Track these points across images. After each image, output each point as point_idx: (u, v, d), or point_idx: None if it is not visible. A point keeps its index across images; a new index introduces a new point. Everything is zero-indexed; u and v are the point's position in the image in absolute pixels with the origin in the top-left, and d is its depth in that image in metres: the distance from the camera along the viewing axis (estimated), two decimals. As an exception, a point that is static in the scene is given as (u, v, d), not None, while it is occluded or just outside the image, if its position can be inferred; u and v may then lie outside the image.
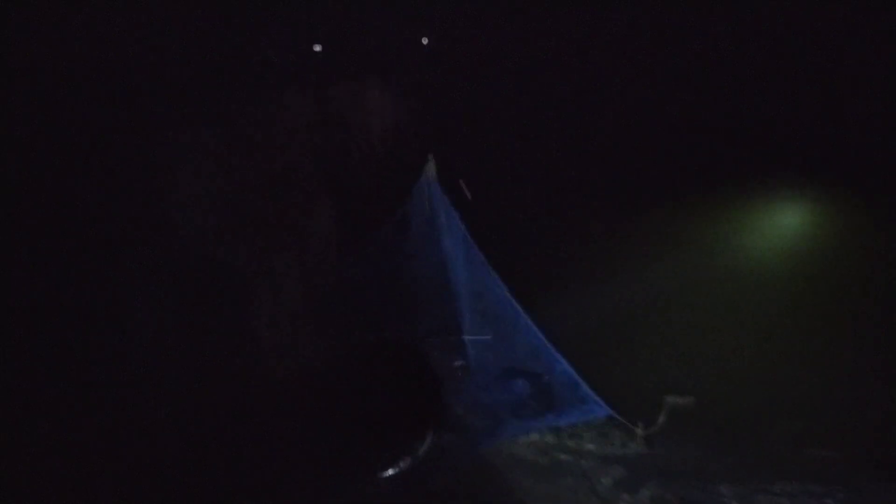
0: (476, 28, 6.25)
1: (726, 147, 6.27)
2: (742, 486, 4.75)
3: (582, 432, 5.46)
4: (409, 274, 6.00)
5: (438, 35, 6.34)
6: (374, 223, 5.88)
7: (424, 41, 6.37)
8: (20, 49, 4.94)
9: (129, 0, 5.27)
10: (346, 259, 5.94)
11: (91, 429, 4.47)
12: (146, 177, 5.25)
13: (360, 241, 5.86)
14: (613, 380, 5.48)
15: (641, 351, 5.80)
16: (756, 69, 6.28)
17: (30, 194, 4.87)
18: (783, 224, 6.31)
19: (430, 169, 5.90)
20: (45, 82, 4.96)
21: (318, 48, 5.89)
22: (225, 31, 5.62)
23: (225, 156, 5.52)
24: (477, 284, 5.89)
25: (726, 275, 6.03)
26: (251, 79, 5.70)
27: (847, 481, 4.79)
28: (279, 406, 4.42)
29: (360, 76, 6.03)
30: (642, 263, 6.11)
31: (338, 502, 3.80)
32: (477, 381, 5.86)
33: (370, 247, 5.83)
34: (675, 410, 5.42)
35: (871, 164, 5.96)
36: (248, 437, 4.38)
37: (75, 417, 4.51)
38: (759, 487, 4.75)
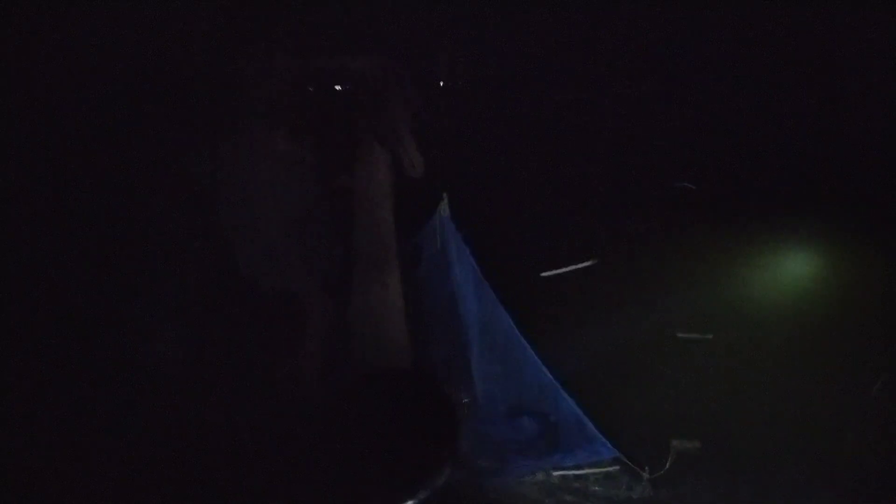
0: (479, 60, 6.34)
1: (738, 180, 6.28)
2: (749, 534, 4.70)
3: (588, 473, 5.42)
4: (419, 305, 6.02)
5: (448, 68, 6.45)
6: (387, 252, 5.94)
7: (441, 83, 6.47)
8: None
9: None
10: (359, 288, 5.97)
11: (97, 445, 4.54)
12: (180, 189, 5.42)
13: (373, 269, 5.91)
14: (621, 421, 5.45)
15: (649, 392, 5.77)
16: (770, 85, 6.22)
17: (54, 199, 5.03)
18: (796, 260, 6.27)
19: (444, 206, 5.97)
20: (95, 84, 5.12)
21: (338, 87, 6.01)
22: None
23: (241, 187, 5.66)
24: (485, 318, 5.89)
25: (735, 313, 6.01)
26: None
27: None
28: (289, 432, 4.45)
29: (372, 110, 6.13)
30: (651, 302, 6.12)
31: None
32: (483, 418, 5.83)
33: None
34: (682, 454, 5.39)
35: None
36: (256, 461, 4.40)
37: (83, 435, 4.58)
38: (766, 536, 4.70)
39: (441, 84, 6.42)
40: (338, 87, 5.97)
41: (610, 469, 5.39)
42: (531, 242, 6.29)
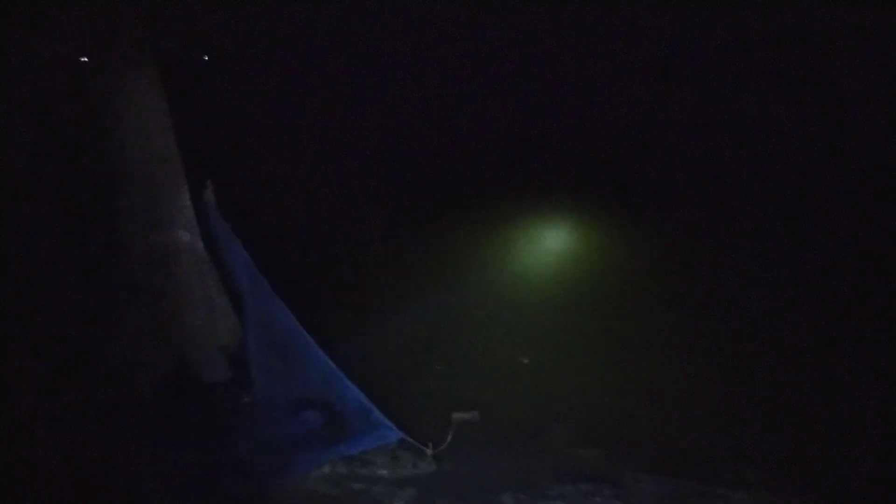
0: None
1: (501, 163, 6.59)
2: (523, 493, 4.99)
3: (374, 458, 5.37)
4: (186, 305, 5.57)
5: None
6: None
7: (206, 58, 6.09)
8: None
9: None
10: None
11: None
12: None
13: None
14: (404, 403, 5.52)
15: (430, 371, 5.91)
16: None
17: None
18: (557, 241, 6.78)
19: (209, 195, 5.59)
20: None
21: None
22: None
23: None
24: (263, 314, 5.63)
25: (505, 292, 6.37)
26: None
27: (613, 478, 5.24)
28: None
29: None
30: (428, 286, 6.26)
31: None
32: (265, 417, 5.56)
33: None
34: (463, 426, 5.60)
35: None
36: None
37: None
38: (538, 493, 5.01)
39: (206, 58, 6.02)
40: None
41: (395, 451, 5.44)
42: (310, 233, 6.11)
